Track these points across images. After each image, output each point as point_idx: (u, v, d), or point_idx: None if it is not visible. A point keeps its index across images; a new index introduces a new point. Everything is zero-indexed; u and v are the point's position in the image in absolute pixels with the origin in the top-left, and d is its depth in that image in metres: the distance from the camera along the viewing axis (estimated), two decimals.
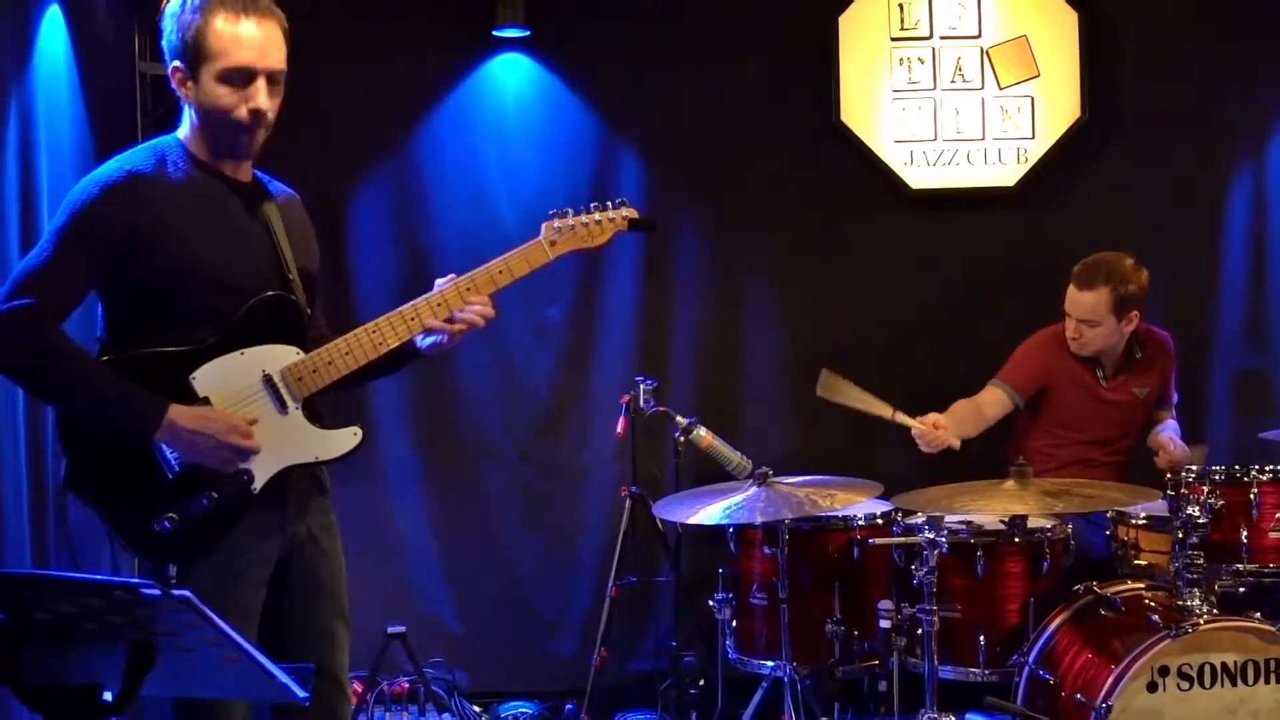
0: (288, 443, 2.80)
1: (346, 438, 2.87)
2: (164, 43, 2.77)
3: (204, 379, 2.73)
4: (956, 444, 4.32)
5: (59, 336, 2.68)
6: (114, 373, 2.70)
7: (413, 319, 2.95)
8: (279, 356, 2.81)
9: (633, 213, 3.16)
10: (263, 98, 2.74)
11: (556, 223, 3.09)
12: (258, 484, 2.76)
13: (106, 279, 2.72)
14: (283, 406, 2.81)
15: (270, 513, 2.81)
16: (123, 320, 2.76)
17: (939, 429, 4.31)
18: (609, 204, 3.15)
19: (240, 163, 2.85)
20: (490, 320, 3.01)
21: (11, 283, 2.67)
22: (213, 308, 2.74)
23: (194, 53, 2.71)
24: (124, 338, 2.74)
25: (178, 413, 2.68)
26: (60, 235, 2.68)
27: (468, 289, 2.99)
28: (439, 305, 2.98)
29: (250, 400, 2.77)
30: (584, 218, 3.11)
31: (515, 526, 5.08)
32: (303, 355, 2.83)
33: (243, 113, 2.73)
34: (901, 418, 4.29)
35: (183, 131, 2.81)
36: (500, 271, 3.02)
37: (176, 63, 2.74)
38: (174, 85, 2.77)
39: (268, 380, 2.79)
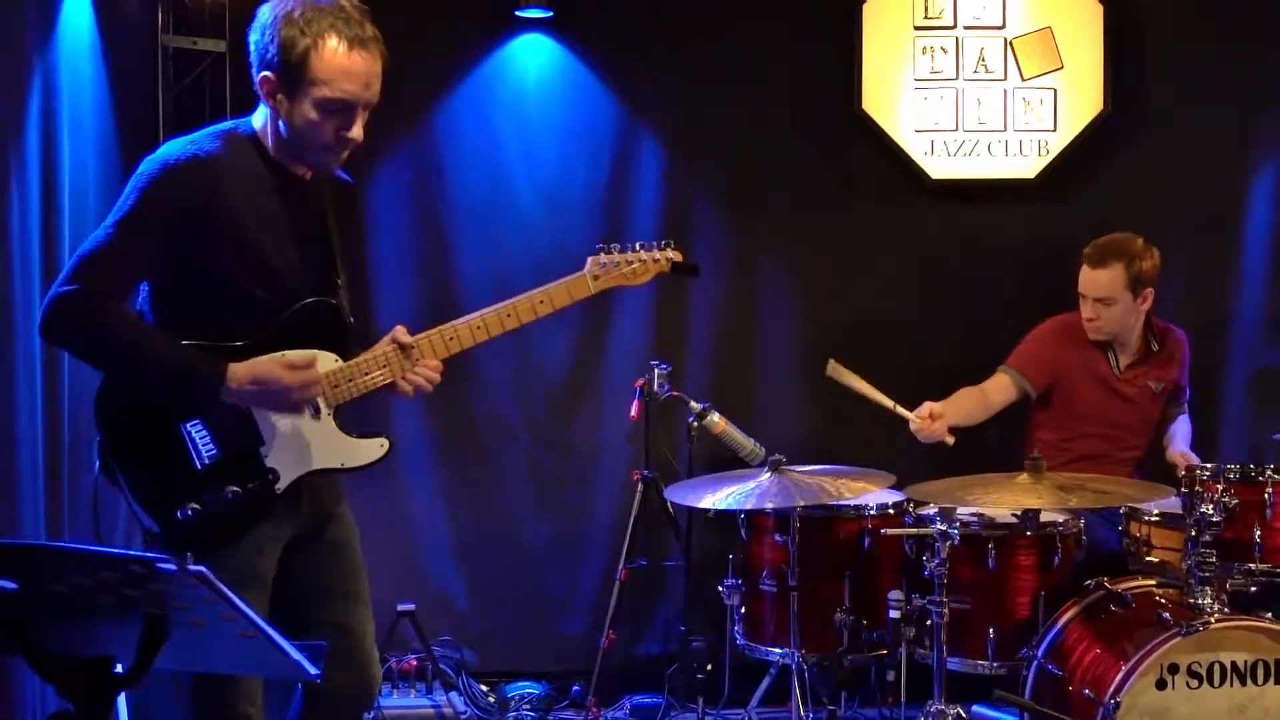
0: (317, 447, 2.84)
1: (373, 448, 2.92)
2: (255, 47, 2.74)
3: None
4: (950, 440, 4.32)
5: (117, 315, 2.70)
6: (173, 342, 2.71)
7: (451, 339, 2.98)
8: (319, 362, 2.83)
9: (677, 256, 3.22)
10: (358, 129, 2.77)
11: (603, 258, 3.13)
12: (282, 484, 2.80)
13: (167, 260, 2.72)
14: (316, 411, 2.84)
15: (290, 500, 2.84)
16: (170, 306, 2.77)
17: (934, 420, 4.32)
18: (654, 244, 3.20)
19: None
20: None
21: (73, 264, 2.70)
22: (261, 304, 2.76)
23: (296, 73, 2.69)
24: (169, 323, 2.76)
25: (236, 372, 2.70)
26: (124, 217, 2.69)
27: (508, 315, 3.02)
28: (479, 328, 3.01)
29: None
30: (629, 255, 3.15)
31: (527, 507, 5.09)
32: (342, 363, 2.86)
33: (334, 140, 2.76)
34: (901, 410, 4.31)
35: (258, 123, 2.81)
36: (541, 301, 3.06)
37: (269, 74, 2.71)
38: (260, 91, 2.75)
39: None
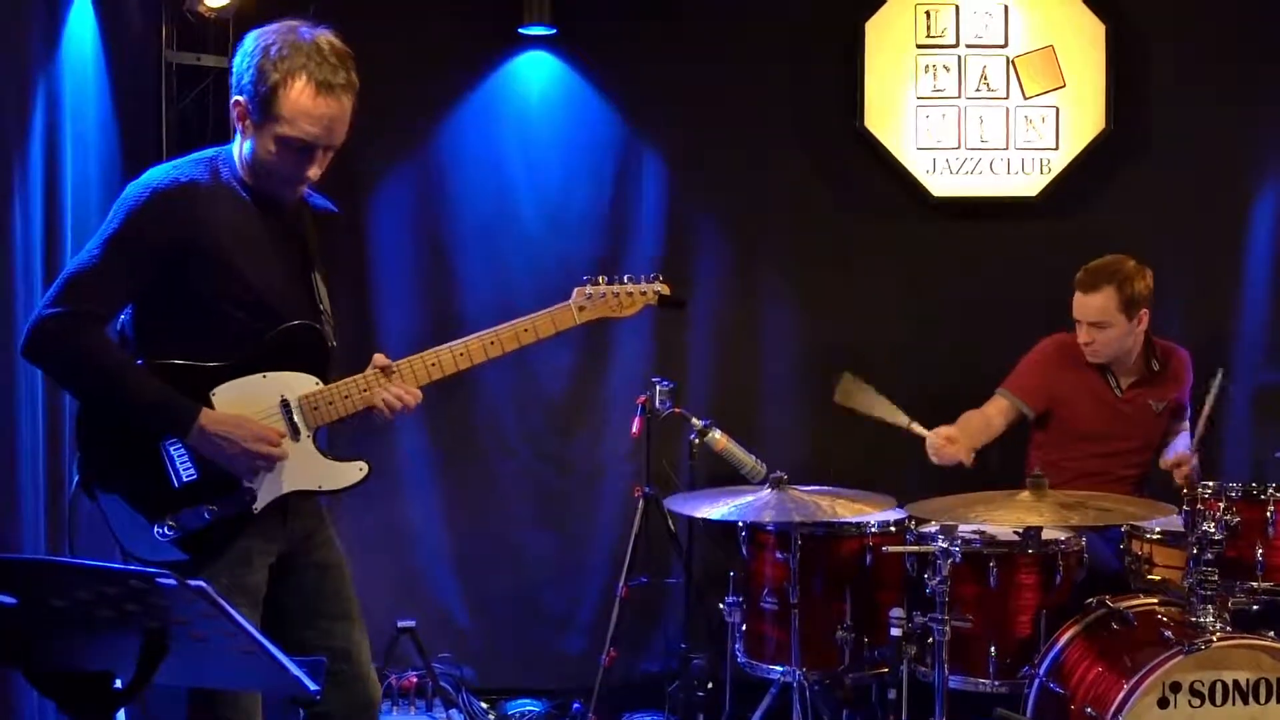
0: (295, 469, 2.85)
1: (351, 472, 2.92)
2: (234, 71, 2.77)
3: (224, 396, 2.78)
4: (968, 460, 4.32)
5: (98, 342, 2.72)
6: (150, 375, 2.74)
7: (433, 365, 2.98)
8: (299, 384, 2.86)
9: (664, 289, 3.24)
10: (315, 169, 2.78)
11: (588, 289, 3.15)
12: (259, 504, 2.81)
13: (150, 285, 2.74)
14: (295, 433, 2.85)
15: (270, 520, 2.85)
16: (152, 325, 2.80)
17: (952, 443, 4.30)
18: (643, 277, 3.22)
19: None
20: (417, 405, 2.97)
21: (57, 287, 2.72)
22: (245, 327, 2.79)
23: (263, 106, 2.71)
24: (151, 343, 2.79)
25: (209, 418, 2.73)
26: (109, 241, 2.72)
27: (491, 343, 3.02)
28: (461, 355, 3.00)
29: (266, 422, 2.82)
30: (615, 288, 3.18)
31: (527, 524, 5.08)
32: (322, 386, 2.87)
33: (290, 174, 2.78)
34: (917, 428, 4.30)
35: (235, 149, 2.83)
36: (525, 330, 3.06)
37: (240, 99, 2.74)
38: (233, 116, 2.78)
39: (285, 405, 2.84)
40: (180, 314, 2.77)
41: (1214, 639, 3.47)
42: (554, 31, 4.91)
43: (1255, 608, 3.74)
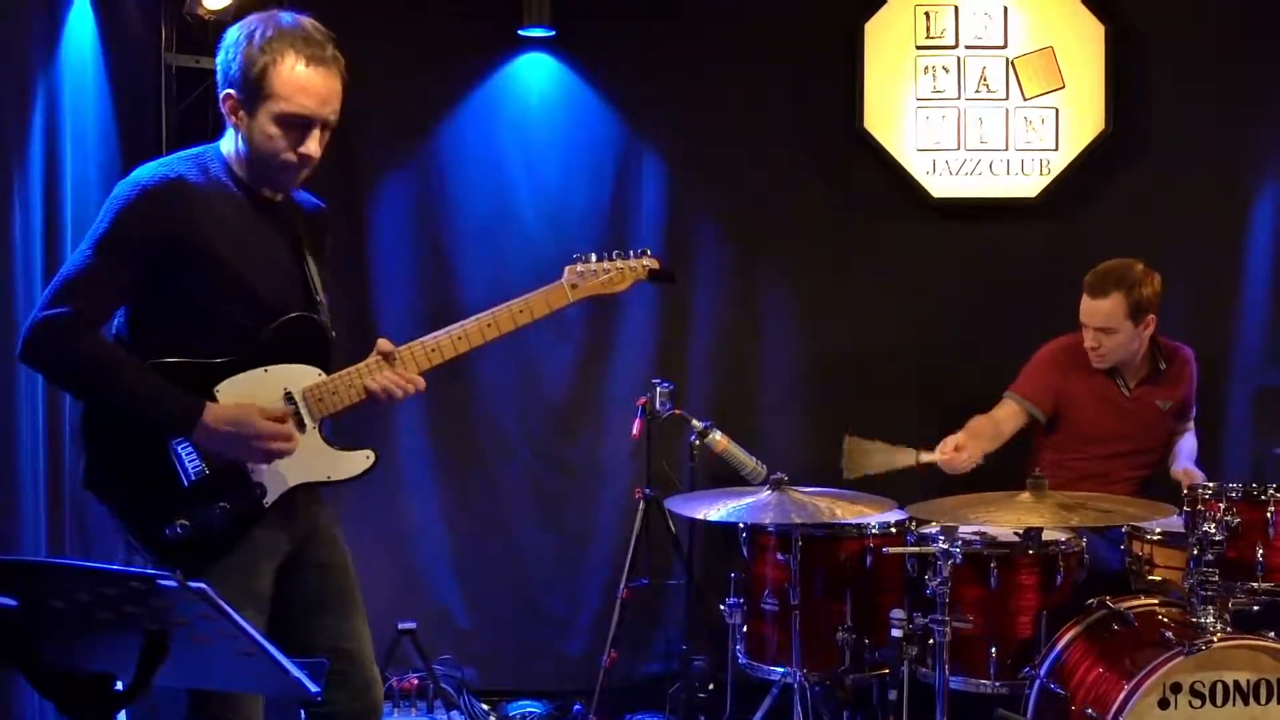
0: (303, 461, 2.84)
1: (359, 460, 2.92)
2: (220, 67, 2.78)
3: (228, 392, 2.78)
4: (979, 460, 4.31)
5: (96, 343, 2.72)
6: (151, 373, 2.73)
7: (433, 350, 2.99)
8: (301, 376, 2.86)
9: (654, 263, 3.30)
10: (314, 144, 2.79)
11: (580, 267, 3.19)
12: (269, 499, 2.81)
13: (143, 283, 2.74)
14: (301, 425, 2.85)
15: (279, 514, 2.85)
16: (148, 324, 2.79)
17: (960, 451, 4.31)
18: (631, 253, 3.28)
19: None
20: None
21: (52, 289, 2.72)
22: (240, 323, 2.78)
23: (255, 89, 2.73)
24: (147, 341, 2.78)
25: (212, 413, 2.72)
26: (99, 241, 2.72)
27: (489, 325, 3.04)
28: (460, 339, 3.01)
29: None
30: (606, 264, 3.22)
31: (528, 525, 5.08)
32: (324, 376, 2.88)
33: (291, 156, 2.77)
34: (926, 456, 4.32)
35: (226, 147, 2.84)
36: (520, 310, 3.09)
37: (231, 91, 2.76)
38: (224, 110, 2.79)
39: (289, 398, 2.84)
40: (175, 312, 2.76)
41: (1214, 639, 3.47)
42: (553, 33, 4.91)
43: (1255, 608, 3.74)
